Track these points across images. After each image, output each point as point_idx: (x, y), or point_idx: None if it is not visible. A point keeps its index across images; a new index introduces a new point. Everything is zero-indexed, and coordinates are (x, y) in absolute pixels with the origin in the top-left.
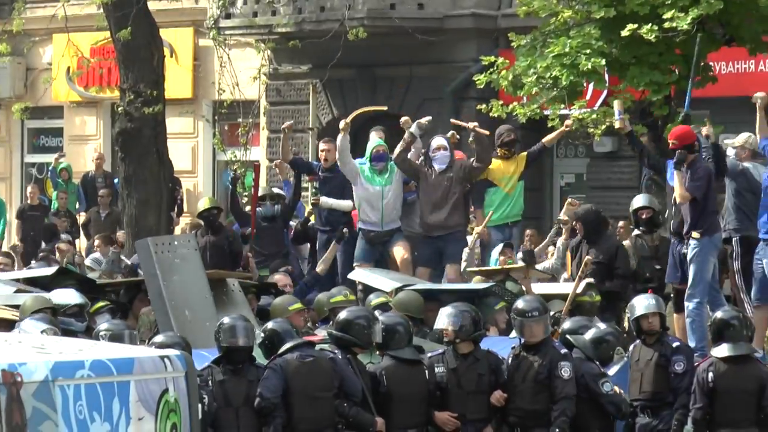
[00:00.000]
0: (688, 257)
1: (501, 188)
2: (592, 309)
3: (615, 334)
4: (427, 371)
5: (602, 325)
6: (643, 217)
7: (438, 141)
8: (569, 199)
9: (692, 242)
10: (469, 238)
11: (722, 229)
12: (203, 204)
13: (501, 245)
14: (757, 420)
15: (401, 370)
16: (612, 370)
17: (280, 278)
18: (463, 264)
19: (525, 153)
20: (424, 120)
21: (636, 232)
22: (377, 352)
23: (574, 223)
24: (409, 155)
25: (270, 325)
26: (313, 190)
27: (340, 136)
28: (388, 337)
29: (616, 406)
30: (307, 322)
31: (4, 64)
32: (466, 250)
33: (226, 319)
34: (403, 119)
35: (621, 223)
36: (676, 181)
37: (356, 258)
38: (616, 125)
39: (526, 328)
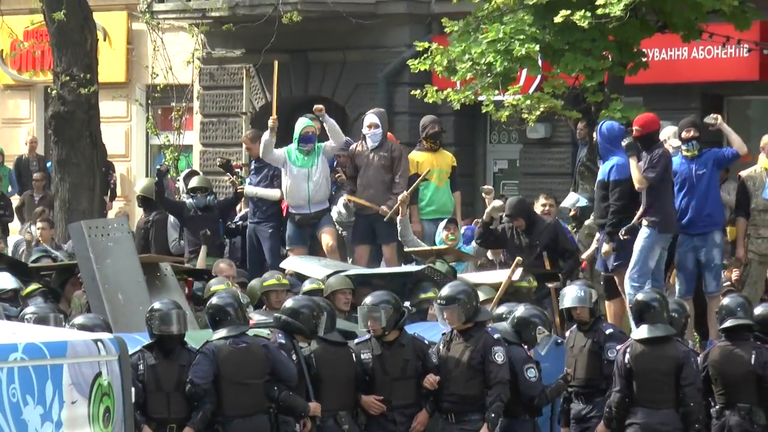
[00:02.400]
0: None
1: (432, 181)
2: (529, 294)
3: (538, 315)
4: (354, 355)
5: (523, 307)
6: (571, 214)
7: (370, 118)
8: (485, 188)
9: (643, 229)
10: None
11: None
12: (142, 187)
13: (445, 221)
14: (675, 399)
15: (329, 352)
16: (543, 351)
17: (224, 267)
18: (399, 228)
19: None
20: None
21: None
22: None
23: (509, 221)
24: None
25: (213, 300)
26: (240, 179)
27: (267, 133)
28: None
29: (530, 396)
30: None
31: None
32: (398, 220)
33: (157, 305)
34: (316, 107)
35: (542, 201)
36: (633, 168)
37: (288, 241)
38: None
39: (441, 314)
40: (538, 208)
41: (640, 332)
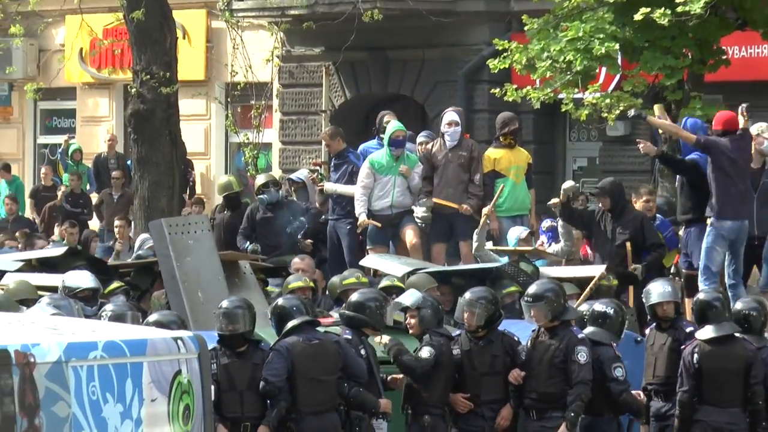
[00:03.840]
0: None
1: (509, 178)
2: (609, 292)
3: (615, 309)
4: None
5: (600, 302)
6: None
7: (449, 116)
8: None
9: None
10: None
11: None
12: (230, 182)
13: (523, 228)
14: (743, 398)
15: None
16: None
17: (300, 264)
18: (474, 245)
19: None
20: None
21: None
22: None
23: (596, 199)
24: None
25: (279, 301)
26: (320, 176)
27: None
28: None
29: (619, 391)
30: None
31: (17, 45)
32: (475, 232)
33: (224, 303)
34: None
35: (646, 197)
36: (677, 130)
37: (369, 241)
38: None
39: (528, 311)
40: (639, 205)
41: (706, 332)
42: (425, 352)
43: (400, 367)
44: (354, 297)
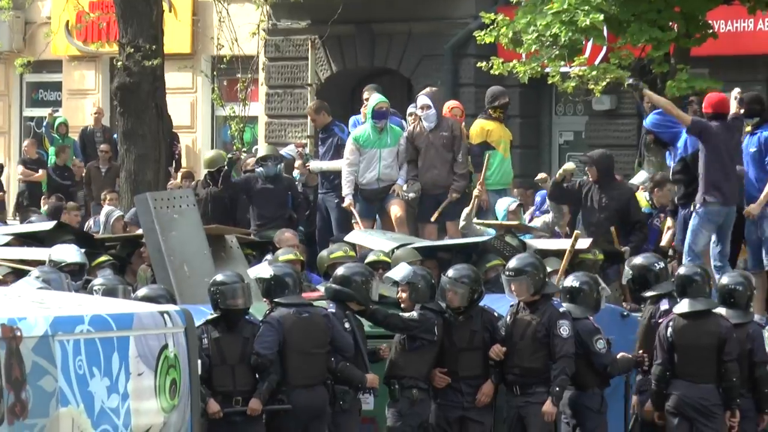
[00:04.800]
0: None
1: (499, 151)
2: (594, 267)
3: (589, 283)
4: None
5: (574, 276)
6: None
7: (420, 100)
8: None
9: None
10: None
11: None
12: (221, 156)
13: (512, 200)
14: (717, 374)
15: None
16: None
17: (289, 236)
18: (462, 223)
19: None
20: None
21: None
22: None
23: (585, 167)
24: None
25: (272, 269)
26: (306, 157)
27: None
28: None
29: (602, 364)
30: None
31: (3, 19)
32: (465, 211)
33: (221, 278)
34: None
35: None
36: (672, 108)
37: (360, 215)
38: None
39: (508, 285)
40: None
41: (682, 306)
42: (414, 314)
43: (386, 323)
44: (340, 271)
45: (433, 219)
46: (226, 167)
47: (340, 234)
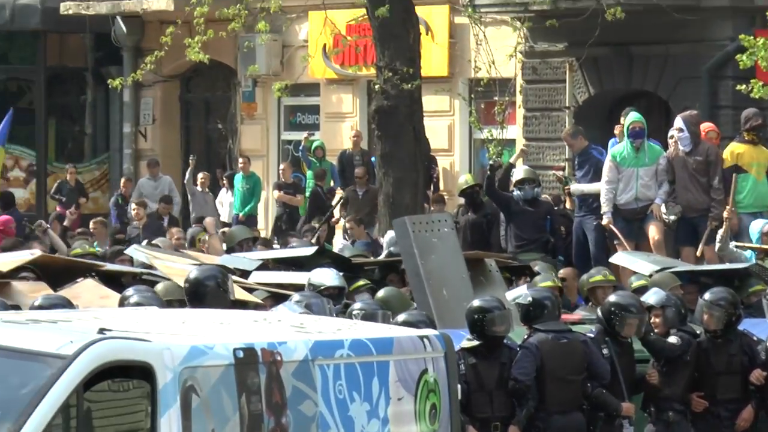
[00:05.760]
0: None
1: (751, 174)
2: None
3: None
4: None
5: None
6: None
7: (675, 122)
8: None
9: None
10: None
11: None
12: (465, 180)
13: (765, 222)
14: None
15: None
16: None
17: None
18: (718, 245)
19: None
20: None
21: None
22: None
23: None
24: None
25: (532, 293)
26: (564, 179)
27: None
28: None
29: None
30: None
31: (261, 42)
32: (719, 234)
33: (481, 303)
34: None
35: None
36: None
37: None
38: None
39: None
40: None
41: None
42: (673, 339)
43: (647, 345)
44: (612, 298)
45: (698, 253)
46: (489, 172)
47: (598, 255)
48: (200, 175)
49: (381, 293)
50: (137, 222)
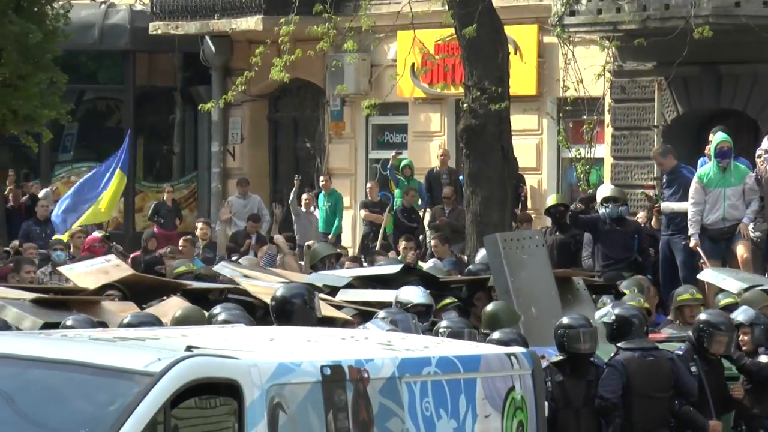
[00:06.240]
0: None
1: None
2: None
3: None
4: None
5: None
6: None
7: (765, 143)
8: None
9: None
10: None
11: None
12: (551, 200)
13: None
14: None
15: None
16: None
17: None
18: None
19: None
20: None
21: None
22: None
23: None
24: None
25: (617, 311)
26: (654, 197)
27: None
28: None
29: None
30: None
31: (350, 61)
32: None
33: (568, 321)
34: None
35: None
36: None
37: (706, 255)
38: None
39: None
40: None
41: None
42: (764, 358)
43: (738, 366)
44: (703, 316)
45: None
46: (581, 205)
47: (686, 275)
48: (304, 196)
49: (490, 307)
50: (201, 242)
